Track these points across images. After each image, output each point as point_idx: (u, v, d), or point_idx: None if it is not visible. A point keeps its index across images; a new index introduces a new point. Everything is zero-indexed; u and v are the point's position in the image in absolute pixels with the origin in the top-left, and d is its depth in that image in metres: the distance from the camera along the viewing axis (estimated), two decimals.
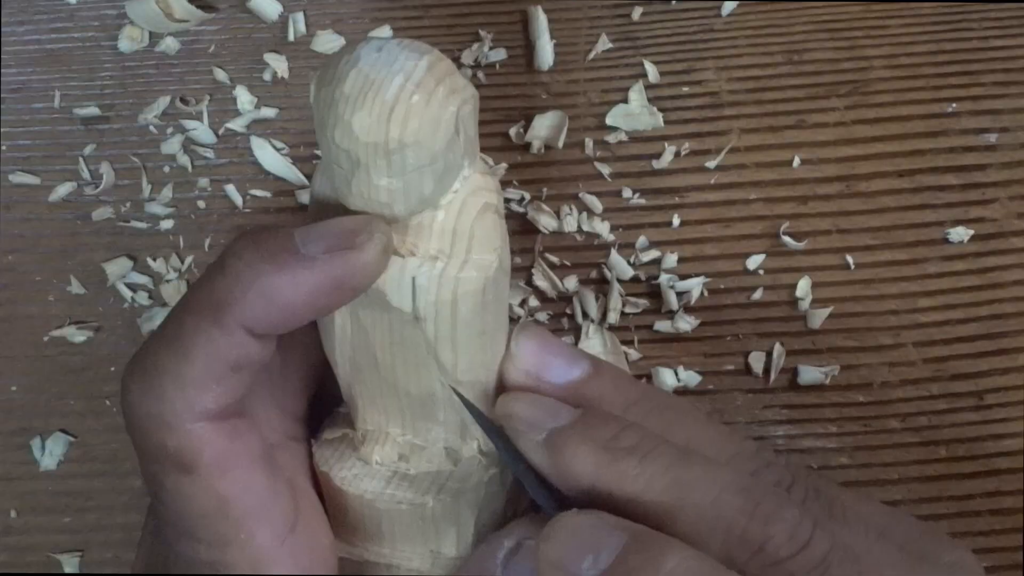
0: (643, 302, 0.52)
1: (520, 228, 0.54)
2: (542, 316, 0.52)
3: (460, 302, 0.29)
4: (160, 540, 0.32)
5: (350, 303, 0.30)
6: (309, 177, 0.56)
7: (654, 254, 0.53)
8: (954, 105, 0.55)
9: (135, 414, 0.30)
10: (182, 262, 0.55)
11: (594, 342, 0.51)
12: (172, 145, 0.57)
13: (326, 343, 0.32)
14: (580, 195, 0.54)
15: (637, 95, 0.56)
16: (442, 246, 0.29)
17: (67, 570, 0.50)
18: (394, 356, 0.31)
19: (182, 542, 0.30)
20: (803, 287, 0.52)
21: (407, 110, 0.27)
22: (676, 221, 0.54)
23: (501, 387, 0.33)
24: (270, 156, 0.56)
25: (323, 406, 0.35)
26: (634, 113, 0.56)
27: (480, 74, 0.57)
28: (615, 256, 0.53)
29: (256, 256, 0.28)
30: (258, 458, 0.31)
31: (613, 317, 0.52)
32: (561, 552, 0.28)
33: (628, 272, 0.52)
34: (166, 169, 0.57)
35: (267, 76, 0.58)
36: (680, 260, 0.53)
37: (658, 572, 0.27)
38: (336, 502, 0.33)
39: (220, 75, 0.58)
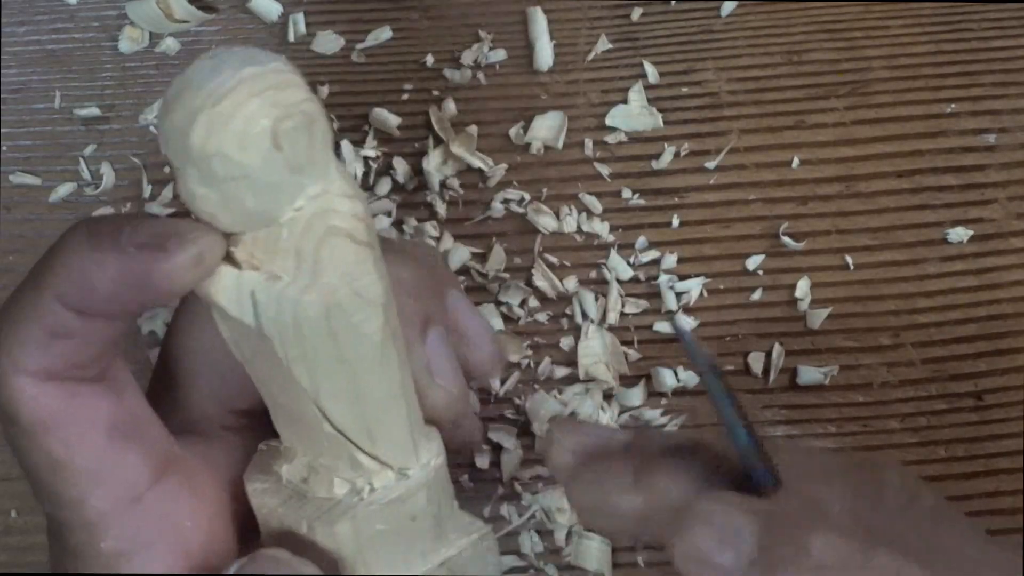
0: (643, 302, 0.52)
1: (520, 228, 0.54)
2: (542, 316, 0.52)
3: (303, 325, 0.29)
4: None
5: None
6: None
7: (653, 254, 0.53)
8: (953, 106, 0.56)
9: None
10: None
11: (594, 343, 0.51)
12: None
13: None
14: (580, 195, 0.54)
15: (637, 96, 0.56)
16: (286, 265, 0.28)
17: None
18: (267, 371, 0.31)
19: (37, 497, 0.31)
20: (802, 287, 0.52)
21: (209, 119, 0.26)
22: (676, 221, 0.54)
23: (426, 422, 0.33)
24: None
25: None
26: (634, 114, 0.56)
27: (480, 75, 0.58)
28: (615, 256, 0.53)
29: (84, 235, 0.29)
30: (100, 423, 0.31)
31: (613, 317, 0.52)
32: (701, 544, 0.29)
33: (628, 272, 0.53)
34: (166, 170, 0.57)
35: None
36: (679, 260, 0.53)
37: (809, 554, 0.27)
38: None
39: None
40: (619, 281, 0.52)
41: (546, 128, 0.56)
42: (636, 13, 0.58)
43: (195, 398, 0.35)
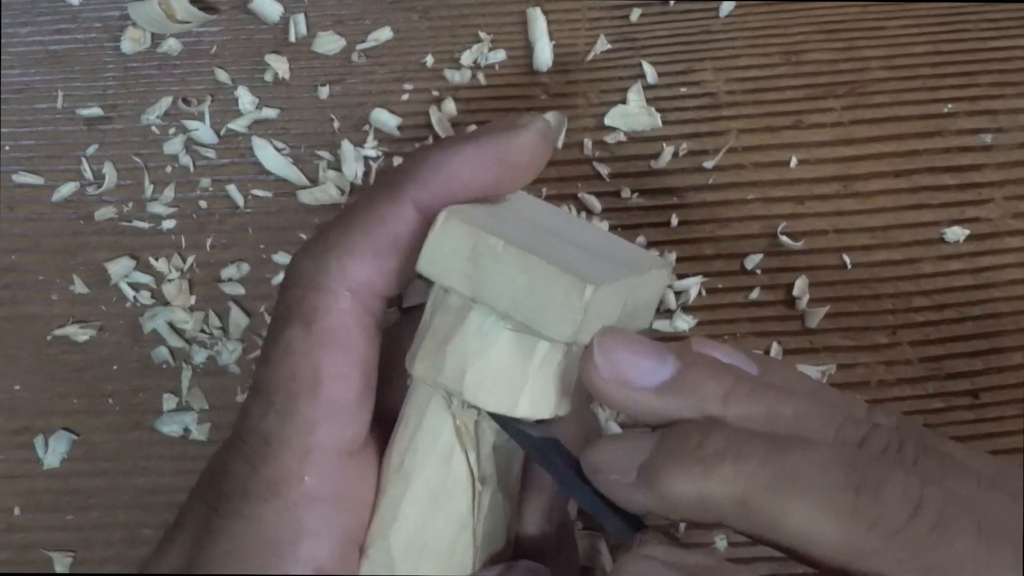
0: None
1: None
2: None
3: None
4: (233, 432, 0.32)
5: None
6: (310, 177, 0.56)
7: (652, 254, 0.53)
8: (951, 106, 0.56)
9: (291, 272, 0.31)
10: (184, 262, 0.55)
11: None
12: (174, 145, 0.57)
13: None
14: (579, 195, 0.55)
15: (636, 96, 0.56)
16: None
17: (58, 569, 0.51)
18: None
19: (257, 403, 0.31)
20: (800, 286, 0.52)
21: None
22: (674, 221, 0.54)
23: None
24: (271, 156, 0.57)
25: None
26: (633, 113, 0.56)
27: (480, 75, 0.58)
28: None
29: (429, 146, 0.31)
30: (366, 367, 0.31)
31: None
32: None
33: None
34: (168, 169, 0.57)
35: (268, 77, 0.59)
36: (678, 260, 0.53)
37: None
38: None
39: (222, 76, 0.59)
40: None
41: None
42: (635, 14, 0.59)
43: (388, 396, 0.34)
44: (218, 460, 0.32)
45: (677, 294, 0.52)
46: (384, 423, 0.33)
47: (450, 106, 0.57)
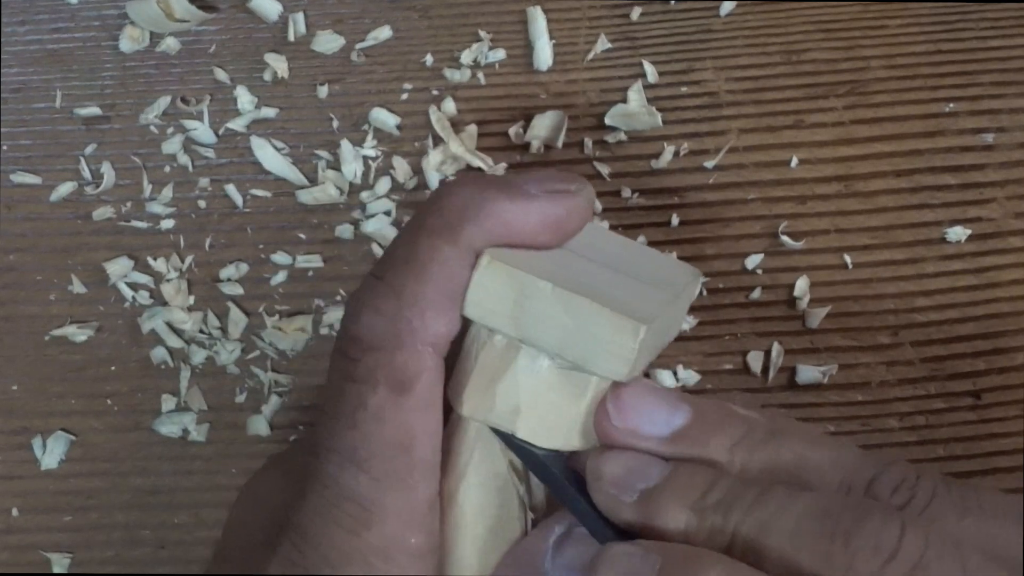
0: None
1: None
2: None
3: None
4: (294, 475, 0.32)
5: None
6: (309, 176, 0.56)
7: None
8: (952, 105, 0.56)
9: (361, 331, 0.30)
10: (182, 261, 0.55)
11: None
12: (173, 145, 0.57)
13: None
14: None
15: (636, 95, 0.56)
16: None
17: (57, 570, 0.50)
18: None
19: (347, 471, 0.30)
20: (801, 286, 0.52)
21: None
22: (675, 221, 0.54)
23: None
24: (270, 156, 0.56)
25: None
26: (633, 113, 0.56)
27: (480, 74, 0.58)
28: None
29: (485, 185, 0.30)
30: (442, 414, 0.31)
31: None
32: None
33: None
34: (167, 169, 0.57)
35: (267, 76, 0.58)
36: (679, 259, 0.53)
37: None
38: None
39: (220, 75, 0.58)
40: None
41: (545, 127, 0.56)
42: (635, 13, 0.58)
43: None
44: (305, 521, 0.31)
45: None
46: None
47: (450, 105, 0.57)
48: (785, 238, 0.53)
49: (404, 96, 0.57)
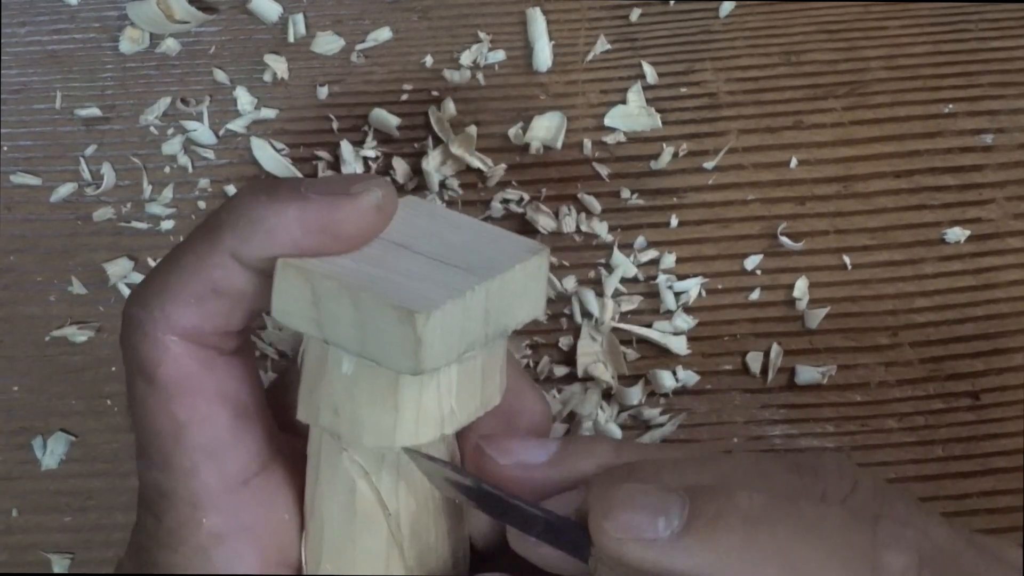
0: (641, 300, 0.52)
1: (519, 228, 0.54)
2: (541, 316, 0.52)
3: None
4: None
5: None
6: (309, 177, 0.56)
7: (652, 254, 0.53)
8: (951, 106, 0.56)
9: (123, 321, 0.31)
10: None
11: (592, 342, 0.51)
12: (173, 146, 0.57)
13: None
14: (579, 195, 0.54)
15: (635, 96, 0.56)
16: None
17: (57, 571, 0.50)
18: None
19: (140, 462, 0.31)
20: (800, 287, 0.52)
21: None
22: (674, 221, 0.54)
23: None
24: (270, 157, 0.56)
25: None
26: (632, 114, 0.56)
27: (479, 75, 0.58)
28: (617, 255, 0.53)
29: (258, 189, 0.29)
30: (228, 399, 0.31)
31: (611, 317, 0.52)
32: (630, 521, 0.28)
33: (629, 271, 0.53)
34: (167, 170, 0.57)
35: (267, 77, 0.58)
36: (678, 260, 0.53)
37: (738, 509, 0.28)
38: None
39: (220, 76, 0.58)
40: (619, 280, 0.53)
41: (545, 128, 0.56)
42: (635, 14, 0.58)
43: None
44: (138, 507, 0.33)
45: (677, 295, 0.52)
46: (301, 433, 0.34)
47: (449, 106, 0.57)
48: (784, 239, 0.53)
49: (404, 97, 0.58)
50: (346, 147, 0.56)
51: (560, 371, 0.51)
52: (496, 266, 0.30)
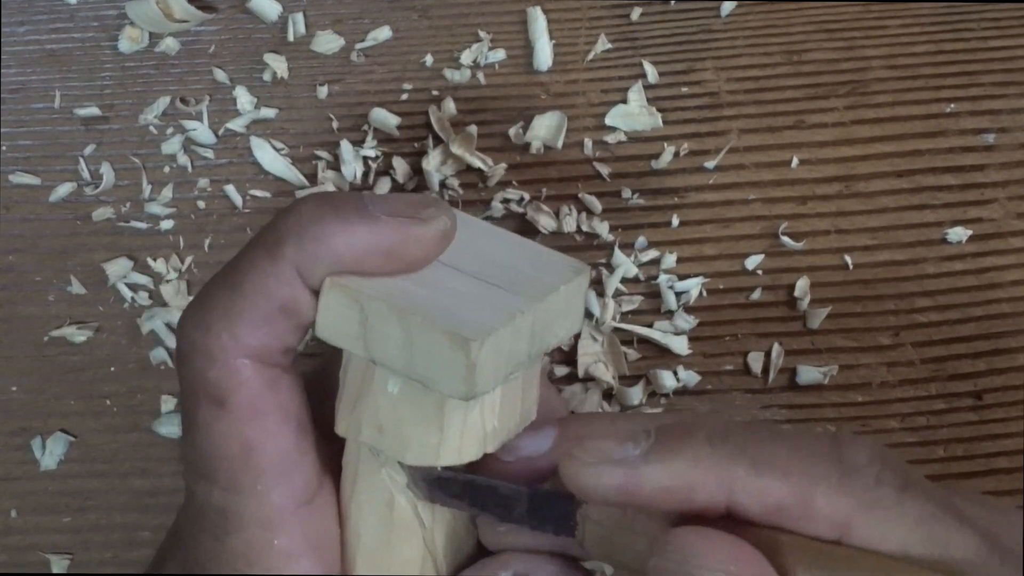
0: (642, 300, 0.52)
1: (519, 228, 0.54)
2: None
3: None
4: (185, 495, 0.32)
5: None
6: (308, 177, 0.56)
7: (653, 254, 0.53)
8: (953, 105, 0.56)
9: (183, 345, 0.30)
10: (182, 262, 0.55)
11: (593, 342, 0.51)
12: (172, 145, 0.57)
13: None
14: (579, 195, 0.54)
15: (636, 95, 0.56)
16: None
17: (56, 571, 0.50)
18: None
19: (200, 484, 0.30)
20: (802, 287, 0.52)
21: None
22: (675, 221, 0.54)
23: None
24: (270, 156, 0.56)
25: None
26: (633, 113, 0.56)
27: (480, 75, 0.58)
28: (618, 255, 0.53)
29: (322, 204, 0.29)
30: (292, 417, 0.30)
31: (612, 317, 0.52)
32: (599, 446, 0.28)
33: (630, 271, 0.52)
34: (166, 169, 0.57)
35: (267, 76, 0.58)
36: (679, 260, 0.53)
37: (702, 430, 0.28)
38: None
39: (220, 75, 0.58)
40: (619, 280, 0.53)
41: (546, 128, 0.56)
42: (635, 13, 0.58)
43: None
44: (186, 528, 0.32)
45: (678, 295, 0.52)
46: (337, 449, 0.33)
47: (450, 106, 0.57)
48: (785, 238, 0.53)
49: (404, 96, 0.57)
50: (346, 146, 0.56)
51: (561, 371, 0.51)
52: (542, 287, 0.30)
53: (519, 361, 0.30)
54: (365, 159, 0.56)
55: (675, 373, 0.51)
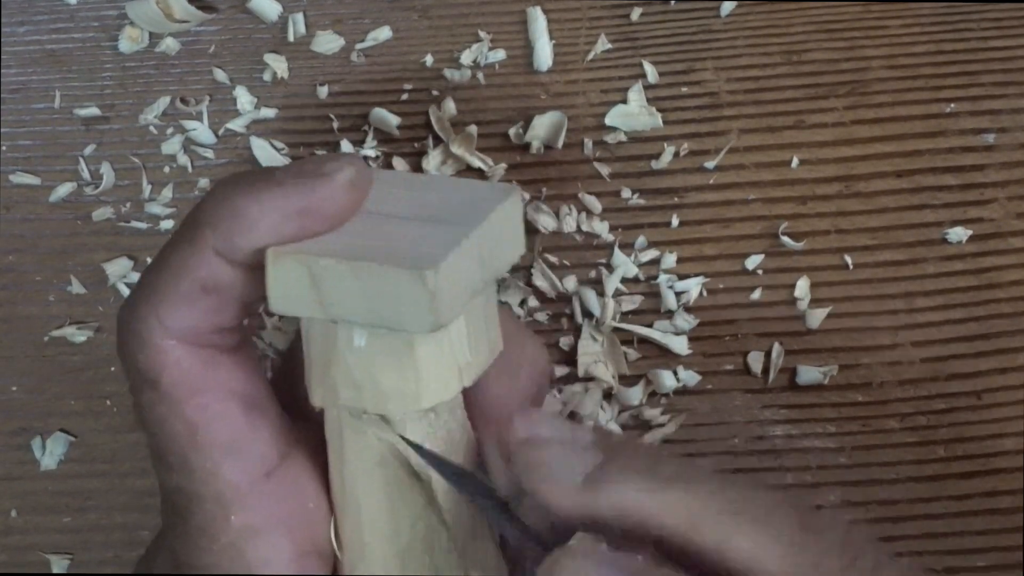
0: (642, 300, 0.52)
1: None
2: (542, 316, 0.52)
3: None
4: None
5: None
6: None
7: (653, 254, 0.53)
8: (953, 105, 0.56)
9: (119, 332, 0.31)
10: None
11: (593, 342, 0.51)
12: (172, 145, 0.57)
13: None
14: (579, 195, 0.54)
15: (636, 95, 0.56)
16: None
17: (56, 571, 0.50)
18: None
19: (159, 468, 0.31)
20: (802, 287, 0.52)
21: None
22: (675, 221, 0.54)
23: None
24: (270, 156, 0.56)
25: None
26: (633, 113, 0.56)
27: (480, 74, 0.58)
28: (618, 255, 0.53)
29: (236, 181, 0.29)
30: (236, 395, 0.31)
31: (612, 317, 0.52)
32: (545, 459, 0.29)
33: (630, 271, 0.52)
34: (166, 169, 0.57)
35: (267, 76, 0.58)
36: (679, 260, 0.53)
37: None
38: None
39: (220, 75, 0.58)
40: (619, 280, 0.53)
41: (546, 128, 0.56)
42: (636, 13, 0.58)
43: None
44: (163, 515, 0.33)
45: (678, 295, 0.52)
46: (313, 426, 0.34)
47: (450, 106, 0.57)
48: (786, 239, 0.53)
49: (404, 96, 0.57)
50: (346, 146, 0.56)
51: (561, 371, 0.51)
52: (477, 214, 0.31)
53: (475, 288, 0.30)
54: (365, 159, 0.56)
55: (675, 373, 0.51)
